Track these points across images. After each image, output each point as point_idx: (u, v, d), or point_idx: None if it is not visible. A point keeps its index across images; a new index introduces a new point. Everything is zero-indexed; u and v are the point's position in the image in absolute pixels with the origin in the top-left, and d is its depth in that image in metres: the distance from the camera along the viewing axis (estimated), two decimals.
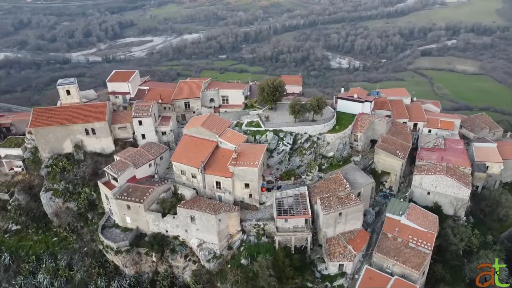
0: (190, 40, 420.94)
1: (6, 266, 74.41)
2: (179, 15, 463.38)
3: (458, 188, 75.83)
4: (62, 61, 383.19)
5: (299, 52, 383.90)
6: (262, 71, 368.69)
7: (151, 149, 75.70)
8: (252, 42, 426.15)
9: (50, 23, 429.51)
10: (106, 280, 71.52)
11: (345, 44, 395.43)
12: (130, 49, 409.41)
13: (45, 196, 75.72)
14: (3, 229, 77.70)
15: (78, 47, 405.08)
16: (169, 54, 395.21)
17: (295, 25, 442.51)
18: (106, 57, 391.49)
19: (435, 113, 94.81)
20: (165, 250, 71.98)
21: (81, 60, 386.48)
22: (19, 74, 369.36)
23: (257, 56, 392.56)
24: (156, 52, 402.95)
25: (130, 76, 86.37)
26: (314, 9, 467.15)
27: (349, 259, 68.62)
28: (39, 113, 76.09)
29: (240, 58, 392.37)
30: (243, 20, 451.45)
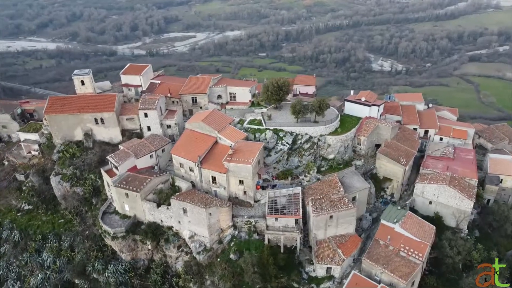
0: (231, 37, 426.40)
1: (15, 242, 79.84)
2: (223, 12, 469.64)
3: (461, 200, 73.38)
4: (108, 53, 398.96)
5: (340, 53, 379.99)
6: (301, 70, 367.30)
7: (154, 141, 78.46)
8: (293, 41, 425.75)
9: (100, 16, 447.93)
10: (103, 264, 75.04)
11: (388, 46, 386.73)
12: (173, 44, 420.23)
13: (54, 180, 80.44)
14: (16, 208, 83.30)
15: (125, 40, 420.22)
16: (210, 50, 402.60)
17: (338, 25, 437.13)
18: (150, 51, 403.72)
19: (449, 121, 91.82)
20: (160, 239, 74.47)
21: (126, 53, 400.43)
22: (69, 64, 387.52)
23: (297, 55, 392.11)
24: (198, 48, 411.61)
25: (143, 69, 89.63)
26: (359, 10, 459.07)
27: (337, 263, 68.18)
28: (53, 101, 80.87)
29: (280, 57, 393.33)
30: (286, 19, 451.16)
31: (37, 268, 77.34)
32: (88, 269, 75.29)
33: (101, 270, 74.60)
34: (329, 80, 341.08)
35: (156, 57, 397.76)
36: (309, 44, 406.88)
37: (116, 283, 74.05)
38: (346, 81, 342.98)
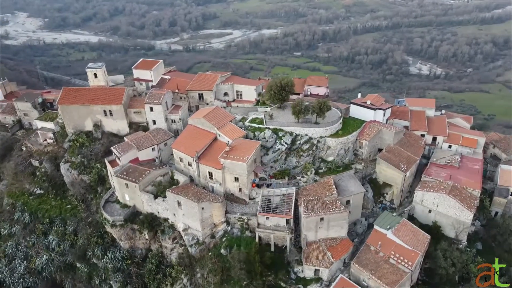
0: (267, 35, 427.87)
1: (25, 224, 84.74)
2: (261, 10, 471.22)
3: (460, 210, 71.49)
4: (147, 47, 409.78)
5: (377, 55, 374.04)
6: (335, 71, 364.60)
7: (157, 135, 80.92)
8: (329, 41, 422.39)
9: (141, 11, 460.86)
10: (102, 250, 78.41)
11: (428, 49, 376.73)
12: (210, 41, 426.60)
13: (64, 167, 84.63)
14: (29, 192, 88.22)
15: (163, 36, 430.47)
16: (245, 47, 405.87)
17: (377, 26, 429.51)
18: (187, 47, 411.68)
19: (460, 129, 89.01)
20: (157, 230, 76.89)
21: (164, 48, 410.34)
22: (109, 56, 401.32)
23: (333, 56, 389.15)
24: (233, 45, 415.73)
25: (154, 65, 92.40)
26: (399, 11, 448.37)
27: (325, 266, 68.12)
28: (67, 92, 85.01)
29: (315, 57, 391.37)
30: (323, 18, 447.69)
31: (43, 250, 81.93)
32: (88, 254, 78.95)
33: (100, 256, 78.07)
34: (363, 82, 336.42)
35: (192, 52, 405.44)
36: (345, 44, 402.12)
37: (114, 269, 77.12)
38: (381, 83, 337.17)
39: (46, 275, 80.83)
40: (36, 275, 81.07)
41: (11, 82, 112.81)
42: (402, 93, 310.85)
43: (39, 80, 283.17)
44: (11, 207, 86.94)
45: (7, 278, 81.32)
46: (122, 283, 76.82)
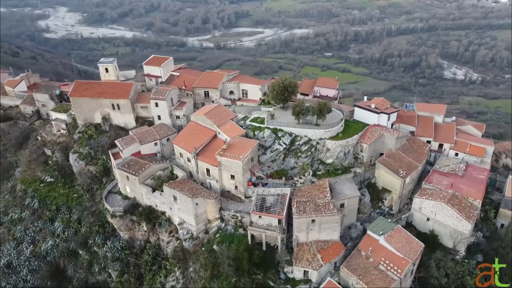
0: (299, 34, 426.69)
1: (34, 209, 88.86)
2: (293, 9, 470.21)
3: (458, 220, 69.81)
4: (179, 44, 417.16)
5: (410, 57, 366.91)
6: (366, 73, 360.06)
7: (161, 130, 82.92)
8: (361, 42, 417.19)
9: (175, 8, 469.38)
10: (103, 239, 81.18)
11: (465, 53, 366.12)
12: (241, 39, 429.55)
13: (72, 157, 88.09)
14: (40, 179, 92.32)
15: (195, 33, 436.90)
16: (276, 46, 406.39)
17: (412, 29, 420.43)
18: (218, 44, 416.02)
19: (469, 136, 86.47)
20: (155, 223, 78.90)
21: (196, 45, 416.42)
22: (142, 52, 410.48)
23: (364, 57, 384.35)
24: (264, 44, 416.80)
25: (163, 61, 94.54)
26: (436, 13, 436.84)
27: (314, 268, 67.98)
28: (79, 85, 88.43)
29: (346, 58, 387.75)
30: (356, 19, 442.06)
31: (49, 235, 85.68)
32: (90, 242, 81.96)
33: (101, 245, 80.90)
34: (394, 85, 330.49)
35: (223, 50, 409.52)
36: (378, 46, 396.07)
37: (113, 258, 79.71)
38: (413, 87, 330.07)
39: (50, 260, 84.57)
40: (41, 259, 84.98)
41: (34, 74, 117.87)
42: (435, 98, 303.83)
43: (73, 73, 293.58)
44: (23, 193, 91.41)
45: (14, 260, 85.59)
46: (120, 272, 79.33)
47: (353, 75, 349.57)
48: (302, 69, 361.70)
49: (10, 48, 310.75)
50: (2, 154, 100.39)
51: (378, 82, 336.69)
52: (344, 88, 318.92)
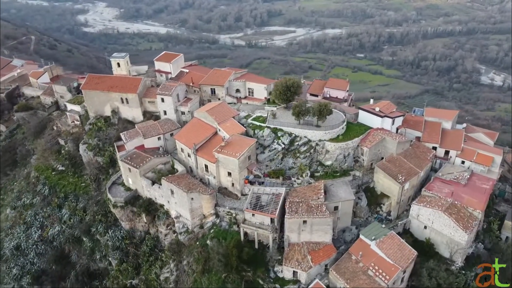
0: (331, 34, 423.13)
1: (44, 196, 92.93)
2: (327, 9, 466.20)
3: (455, 230, 68.23)
4: (211, 41, 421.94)
5: (446, 61, 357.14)
6: (398, 75, 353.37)
7: (165, 125, 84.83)
8: (395, 44, 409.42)
9: (209, 5, 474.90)
10: (105, 228, 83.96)
11: (504, 58, 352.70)
12: (273, 37, 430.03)
13: (82, 148, 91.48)
14: (52, 167, 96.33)
15: (228, 30, 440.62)
16: (307, 46, 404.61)
17: (449, 31, 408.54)
18: (249, 42, 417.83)
19: (478, 144, 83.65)
20: (155, 215, 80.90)
21: (227, 42, 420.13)
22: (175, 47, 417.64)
23: (397, 60, 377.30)
24: (295, 43, 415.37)
25: (174, 58, 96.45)
26: (476, 16, 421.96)
27: (303, 269, 67.99)
28: (91, 79, 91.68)
29: (378, 59, 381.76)
30: (391, 20, 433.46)
31: (56, 221, 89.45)
32: (93, 230, 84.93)
33: (103, 233, 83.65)
34: (427, 89, 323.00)
35: (254, 48, 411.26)
36: (412, 48, 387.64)
37: (113, 247, 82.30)
38: (446, 91, 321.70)
39: (56, 245, 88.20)
40: (48, 243, 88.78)
41: (57, 66, 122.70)
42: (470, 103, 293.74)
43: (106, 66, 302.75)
44: (35, 180, 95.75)
45: (23, 243, 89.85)
46: (119, 261, 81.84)
47: (385, 77, 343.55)
48: (333, 70, 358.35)
49: (49, 41, 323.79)
50: (21, 142, 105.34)
51: (410, 85, 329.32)
52: (374, 90, 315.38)
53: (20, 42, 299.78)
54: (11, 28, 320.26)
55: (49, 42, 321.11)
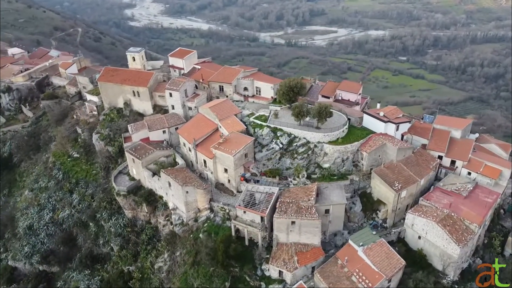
0: (373, 36, 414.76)
1: (58, 180, 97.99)
2: (371, 9, 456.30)
3: (448, 242, 66.22)
4: (251, 38, 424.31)
5: (494, 68, 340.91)
6: (441, 81, 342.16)
7: (171, 119, 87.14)
8: (441, 48, 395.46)
9: (252, 3, 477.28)
10: (109, 214, 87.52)
11: None
12: (313, 37, 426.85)
13: (94, 137, 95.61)
14: (68, 154, 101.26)
15: (268, 28, 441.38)
16: (348, 47, 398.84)
17: (501, 37, 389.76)
18: (289, 41, 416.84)
19: (488, 156, 79.97)
20: (155, 206, 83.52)
21: (267, 40, 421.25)
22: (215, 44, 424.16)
23: (441, 64, 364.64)
24: (336, 43, 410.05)
25: (186, 54, 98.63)
26: None
27: (288, 269, 68.12)
28: (107, 71, 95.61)
29: (421, 63, 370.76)
30: (439, 23, 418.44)
31: (67, 205, 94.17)
32: (98, 215, 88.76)
33: (107, 219, 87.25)
34: (471, 96, 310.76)
35: (293, 47, 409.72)
36: (458, 53, 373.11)
37: (115, 233, 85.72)
38: (492, 100, 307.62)
39: (65, 227, 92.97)
40: (58, 225, 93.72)
41: (86, 58, 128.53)
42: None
43: None
44: (52, 165, 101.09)
45: (35, 223, 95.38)
46: (120, 247, 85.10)
47: (427, 82, 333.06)
48: (372, 72, 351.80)
49: (94, 34, 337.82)
50: (45, 129, 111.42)
51: (453, 91, 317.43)
52: (414, 95, 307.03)
53: (67, 34, 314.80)
54: (60, 20, 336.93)
55: (95, 34, 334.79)
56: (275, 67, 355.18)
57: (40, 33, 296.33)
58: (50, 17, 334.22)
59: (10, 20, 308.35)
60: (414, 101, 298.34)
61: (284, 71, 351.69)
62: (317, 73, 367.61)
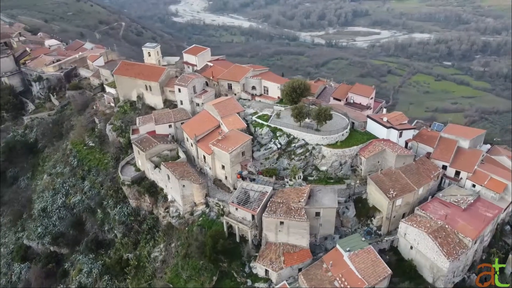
0: (418, 39, 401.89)
1: (73, 167, 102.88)
2: (418, 11, 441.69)
3: (438, 254, 64.32)
4: (291, 38, 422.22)
5: None
6: (487, 88, 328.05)
7: (177, 114, 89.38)
8: (490, 54, 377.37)
9: (294, 2, 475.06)
10: (114, 203, 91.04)
11: None
12: (355, 38, 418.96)
13: (108, 128, 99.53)
14: (84, 143, 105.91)
15: (309, 28, 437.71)
16: (390, 49, 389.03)
17: None
18: (329, 42, 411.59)
19: (497, 169, 76.39)
20: (157, 197, 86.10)
21: (307, 40, 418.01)
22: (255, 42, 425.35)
23: (489, 71, 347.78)
24: (378, 45, 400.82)
25: (200, 51, 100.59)
26: None
27: (274, 269, 68.47)
28: (123, 65, 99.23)
29: (467, 69, 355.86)
30: (489, 28, 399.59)
31: (79, 191, 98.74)
32: (104, 203, 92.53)
33: (112, 207, 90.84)
34: None
35: (333, 48, 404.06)
36: (508, 60, 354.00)
37: (119, 221, 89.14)
38: None
39: (76, 212, 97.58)
40: (69, 210, 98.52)
41: (113, 52, 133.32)
42: None
43: None
44: (69, 152, 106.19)
45: (49, 206, 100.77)
46: (123, 235, 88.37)
47: (471, 89, 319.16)
48: (413, 76, 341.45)
49: (136, 28, 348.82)
50: (68, 117, 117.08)
51: (499, 100, 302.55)
52: (456, 102, 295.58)
53: (111, 28, 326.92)
54: (106, 14, 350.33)
55: (137, 29, 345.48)
56: (312, 67, 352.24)
57: (86, 26, 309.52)
58: (97, 11, 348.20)
59: (59, 12, 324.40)
60: (455, 108, 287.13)
61: (321, 71, 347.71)
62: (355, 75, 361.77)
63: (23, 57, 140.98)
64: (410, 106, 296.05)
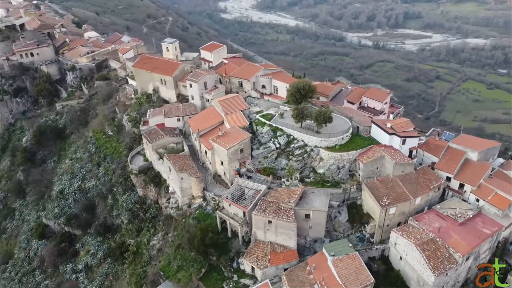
0: (472, 44, 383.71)
1: (91, 153, 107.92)
2: (474, 16, 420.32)
3: (424, 268, 62.42)
4: (338, 38, 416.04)
5: None
6: None
7: (187, 109, 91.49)
8: None
9: (344, 2, 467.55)
10: (123, 189, 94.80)
11: None
12: (404, 41, 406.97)
13: (124, 118, 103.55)
14: (104, 131, 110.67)
15: (357, 29, 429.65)
16: (440, 54, 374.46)
17: None
18: (377, 43, 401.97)
19: (505, 184, 72.47)
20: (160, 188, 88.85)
21: (354, 41, 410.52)
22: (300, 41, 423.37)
23: None
24: (428, 49, 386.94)
25: (216, 48, 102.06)
26: None
27: (259, 266, 69.03)
28: (142, 59, 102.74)
29: None
30: None
31: (94, 177, 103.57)
32: (114, 189, 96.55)
33: (121, 194, 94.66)
34: None
35: (380, 50, 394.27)
36: None
37: (126, 208, 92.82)
38: None
39: (89, 196, 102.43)
40: (84, 194, 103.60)
41: (143, 45, 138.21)
42: None
43: None
44: (90, 139, 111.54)
45: (66, 188, 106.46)
46: (128, 221, 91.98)
47: None
48: (464, 83, 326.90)
49: (183, 23, 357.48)
50: (94, 106, 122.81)
51: None
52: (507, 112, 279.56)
53: (158, 22, 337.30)
54: (155, 9, 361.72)
55: (183, 24, 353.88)
56: (356, 69, 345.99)
57: (134, 20, 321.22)
58: (146, 5, 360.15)
59: (111, 6, 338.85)
60: (505, 119, 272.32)
61: (365, 73, 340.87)
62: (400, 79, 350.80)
63: (63, 47, 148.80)
64: (458, 115, 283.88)
